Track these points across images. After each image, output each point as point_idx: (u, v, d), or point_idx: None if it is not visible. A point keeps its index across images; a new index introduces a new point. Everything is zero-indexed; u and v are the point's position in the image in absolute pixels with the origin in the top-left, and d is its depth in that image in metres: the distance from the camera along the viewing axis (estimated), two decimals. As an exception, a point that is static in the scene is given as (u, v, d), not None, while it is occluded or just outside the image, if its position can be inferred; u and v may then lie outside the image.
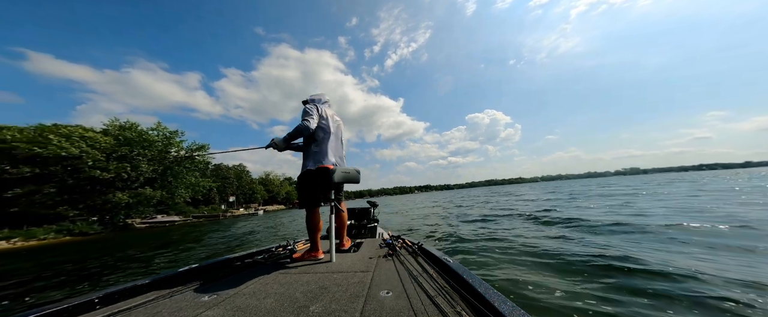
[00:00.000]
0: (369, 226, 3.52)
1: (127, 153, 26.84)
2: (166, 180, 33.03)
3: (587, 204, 11.36)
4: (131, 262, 7.69)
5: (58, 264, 8.24)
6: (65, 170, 22.58)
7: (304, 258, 2.01)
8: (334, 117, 2.23)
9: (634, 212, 8.02)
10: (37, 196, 20.83)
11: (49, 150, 20.49)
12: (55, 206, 21.93)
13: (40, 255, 11.38)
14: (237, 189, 68.57)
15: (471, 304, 1.09)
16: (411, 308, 1.10)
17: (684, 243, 4.34)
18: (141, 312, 1.21)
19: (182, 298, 1.35)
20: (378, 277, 1.52)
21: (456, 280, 1.34)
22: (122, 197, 25.70)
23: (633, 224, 5.97)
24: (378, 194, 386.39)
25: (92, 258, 9.17)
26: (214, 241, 11.46)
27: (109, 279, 5.81)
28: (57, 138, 21.38)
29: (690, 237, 4.62)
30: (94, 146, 24.77)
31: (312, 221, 2.08)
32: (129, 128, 28.97)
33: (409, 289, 1.30)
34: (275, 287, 1.44)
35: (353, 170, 2.09)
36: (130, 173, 27.00)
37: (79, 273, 6.68)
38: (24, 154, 19.81)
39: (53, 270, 7.27)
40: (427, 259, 1.81)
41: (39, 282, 5.92)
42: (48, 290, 5.16)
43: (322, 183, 1.94)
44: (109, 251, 10.68)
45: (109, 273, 6.45)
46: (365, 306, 1.14)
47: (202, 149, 36.15)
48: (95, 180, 24.21)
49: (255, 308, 1.18)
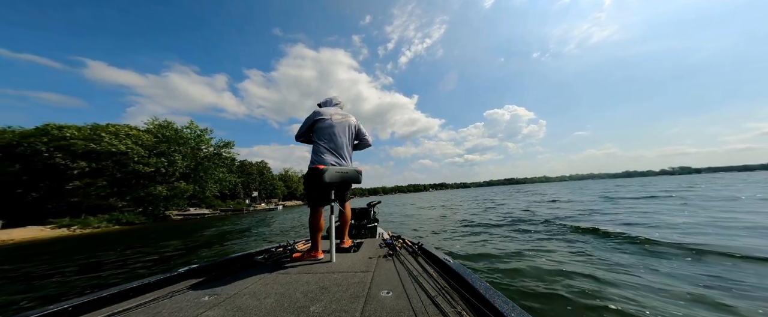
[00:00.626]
0: (369, 226, 3.54)
1: (164, 149, 29.11)
2: (198, 175, 35.48)
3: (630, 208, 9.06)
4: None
5: (131, 246, 9.47)
6: (115, 165, 25.03)
7: (304, 258, 2.04)
8: (334, 116, 2.27)
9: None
10: (92, 188, 23.31)
11: (101, 146, 22.84)
12: (106, 198, 24.42)
13: (107, 242, 12.91)
14: (259, 185, 71.79)
15: (471, 304, 1.10)
16: (411, 308, 1.11)
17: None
18: (141, 312, 1.21)
19: (182, 298, 1.36)
20: (378, 277, 1.53)
21: (456, 280, 1.35)
22: (161, 190, 28.03)
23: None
24: (392, 191, 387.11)
25: (167, 242, 10.42)
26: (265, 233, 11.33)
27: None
28: (108, 136, 23.77)
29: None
30: (137, 142, 27.20)
31: (314, 220, 2.11)
32: (166, 126, 31.40)
33: (410, 289, 1.31)
34: (275, 287, 1.45)
35: (352, 169, 2.10)
36: (167, 168, 29.32)
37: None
38: (81, 150, 22.19)
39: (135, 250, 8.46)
40: (428, 259, 1.83)
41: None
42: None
43: (316, 183, 1.95)
44: (179, 235, 11.99)
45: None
46: (365, 307, 1.15)
47: (227, 146, 38.42)
48: (139, 174, 26.61)
49: (255, 308, 1.19)
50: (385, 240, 2.49)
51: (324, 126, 2.21)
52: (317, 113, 2.29)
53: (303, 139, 2.36)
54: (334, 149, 2.18)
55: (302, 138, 2.36)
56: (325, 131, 2.20)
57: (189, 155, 33.05)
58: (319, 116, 2.25)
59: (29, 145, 20.77)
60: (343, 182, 2.04)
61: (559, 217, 8.27)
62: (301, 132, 2.32)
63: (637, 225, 6.23)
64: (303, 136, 2.34)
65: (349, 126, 2.33)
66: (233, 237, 10.41)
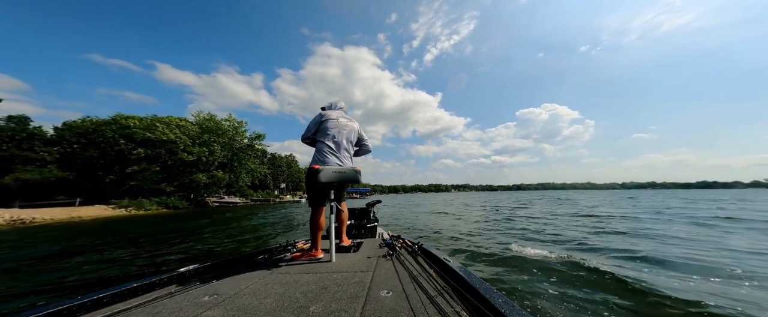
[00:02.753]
0: (369, 226, 3.53)
1: (206, 139, 31.65)
2: (233, 165, 38.11)
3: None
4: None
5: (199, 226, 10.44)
6: (167, 153, 27.83)
7: (304, 257, 2.06)
8: (340, 119, 2.32)
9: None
10: (148, 173, 26.17)
11: (155, 135, 25.54)
12: (159, 182, 27.28)
13: (172, 221, 14.23)
14: (287, 177, 75.35)
15: (471, 304, 1.10)
16: (411, 308, 1.12)
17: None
18: (141, 311, 1.22)
19: (183, 298, 1.36)
20: (378, 277, 1.54)
21: (456, 280, 1.36)
22: (202, 178, 30.60)
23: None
24: (412, 190, 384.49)
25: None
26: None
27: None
28: (161, 126, 26.47)
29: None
30: (185, 133, 29.92)
31: (315, 220, 2.14)
32: (209, 118, 34.16)
33: (409, 289, 1.32)
34: (275, 287, 1.46)
35: (350, 169, 2.11)
36: (208, 157, 31.92)
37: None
38: (140, 137, 24.99)
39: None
40: (427, 259, 1.85)
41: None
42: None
43: (315, 183, 1.97)
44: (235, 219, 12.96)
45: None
46: (365, 306, 1.16)
47: (259, 137, 40.71)
48: (185, 162, 29.30)
49: (255, 308, 1.20)
50: (385, 240, 2.49)
51: (329, 127, 2.26)
52: (323, 114, 2.34)
53: (309, 141, 2.36)
54: (337, 150, 2.23)
55: (309, 140, 2.35)
56: (329, 132, 2.24)
57: (227, 146, 35.61)
58: (325, 117, 2.31)
59: (101, 132, 23.79)
60: (341, 182, 2.07)
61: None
62: (310, 133, 2.32)
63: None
64: (311, 137, 2.34)
65: (353, 131, 2.38)
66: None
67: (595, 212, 11.99)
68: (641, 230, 6.86)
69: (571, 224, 8.43)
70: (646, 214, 10.71)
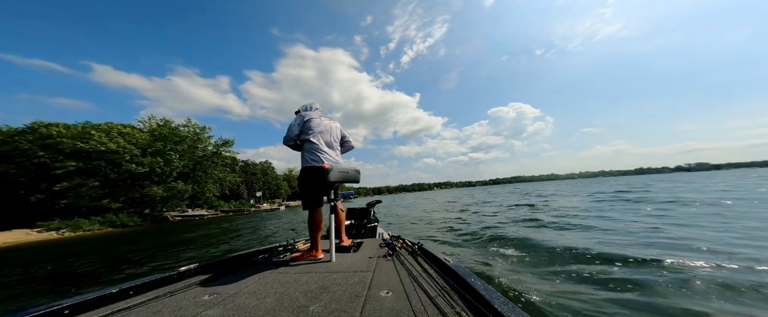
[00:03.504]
0: (369, 226, 3.54)
1: (160, 148, 27.95)
2: (197, 175, 34.38)
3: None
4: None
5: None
6: (108, 165, 23.92)
7: (304, 257, 2.04)
8: (322, 118, 2.33)
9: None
10: (84, 189, 22.19)
11: (90, 145, 21.65)
12: (99, 199, 23.29)
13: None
14: (263, 185, 70.92)
15: (471, 304, 1.10)
16: (411, 308, 1.11)
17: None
18: (141, 311, 1.23)
19: (183, 297, 1.38)
20: (378, 277, 1.54)
21: (456, 280, 1.35)
22: (157, 191, 26.89)
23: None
24: (396, 190, 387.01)
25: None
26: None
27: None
28: (98, 134, 22.57)
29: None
30: (131, 141, 26.07)
31: (313, 220, 2.11)
32: (163, 124, 30.29)
33: (409, 289, 1.32)
34: (275, 287, 1.47)
35: (352, 169, 2.11)
36: (164, 168, 28.17)
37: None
38: (69, 148, 21.03)
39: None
40: (427, 259, 1.82)
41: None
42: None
43: (319, 182, 1.95)
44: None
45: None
46: (365, 306, 1.15)
47: (227, 144, 37.29)
48: (133, 174, 25.48)
49: (255, 308, 1.20)
50: (385, 239, 2.48)
51: (315, 126, 2.24)
52: (304, 115, 2.31)
53: (292, 143, 2.32)
54: (329, 149, 2.24)
55: (291, 142, 2.31)
56: (317, 132, 2.22)
57: (187, 154, 31.97)
58: (307, 117, 2.28)
59: (13, 143, 19.69)
60: (343, 182, 2.09)
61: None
62: (294, 135, 2.28)
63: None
64: (294, 140, 2.29)
65: (337, 128, 2.41)
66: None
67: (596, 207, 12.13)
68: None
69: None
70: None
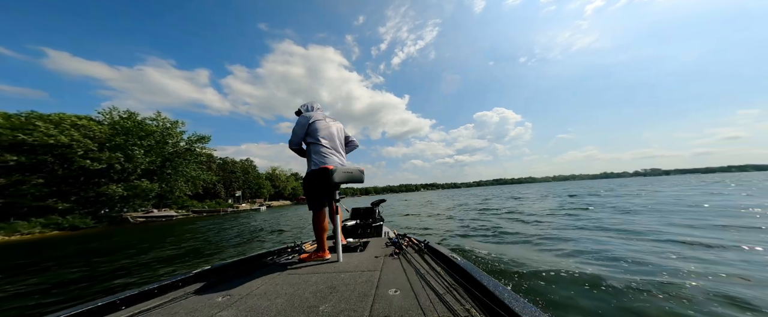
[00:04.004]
0: (374, 225, 3.53)
1: (121, 143, 25.60)
2: (165, 173, 31.96)
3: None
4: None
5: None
6: (57, 160, 21.48)
7: (311, 258, 2.08)
8: (327, 119, 2.30)
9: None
10: (25, 186, 19.75)
11: (34, 137, 19.29)
12: (44, 198, 20.85)
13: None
14: (243, 184, 67.91)
15: (480, 301, 1.10)
16: (419, 306, 1.12)
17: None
18: (159, 312, 1.27)
19: (197, 299, 1.41)
20: (385, 276, 1.55)
21: (464, 277, 1.35)
22: (116, 190, 24.57)
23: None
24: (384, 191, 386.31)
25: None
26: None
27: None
28: (45, 125, 20.19)
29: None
30: (87, 135, 23.66)
31: (318, 222, 2.13)
32: (126, 117, 27.85)
33: (417, 287, 1.33)
34: (285, 288, 1.49)
35: (356, 169, 2.12)
36: (125, 164, 25.83)
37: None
38: (8, 141, 18.63)
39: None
40: (435, 257, 1.84)
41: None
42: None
43: (324, 183, 1.96)
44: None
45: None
46: (374, 305, 1.17)
47: (202, 140, 35.03)
48: (88, 171, 23.09)
49: (266, 308, 1.23)
50: (391, 238, 2.50)
51: (321, 127, 2.21)
52: (308, 116, 2.27)
53: (297, 148, 2.29)
54: (335, 150, 2.23)
55: (297, 147, 2.29)
56: (323, 133, 2.20)
57: (154, 150, 29.59)
58: (312, 118, 2.24)
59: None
60: (347, 182, 2.09)
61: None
62: (298, 139, 2.24)
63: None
64: (299, 143, 2.26)
65: (341, 129, 2.40)
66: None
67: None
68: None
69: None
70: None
